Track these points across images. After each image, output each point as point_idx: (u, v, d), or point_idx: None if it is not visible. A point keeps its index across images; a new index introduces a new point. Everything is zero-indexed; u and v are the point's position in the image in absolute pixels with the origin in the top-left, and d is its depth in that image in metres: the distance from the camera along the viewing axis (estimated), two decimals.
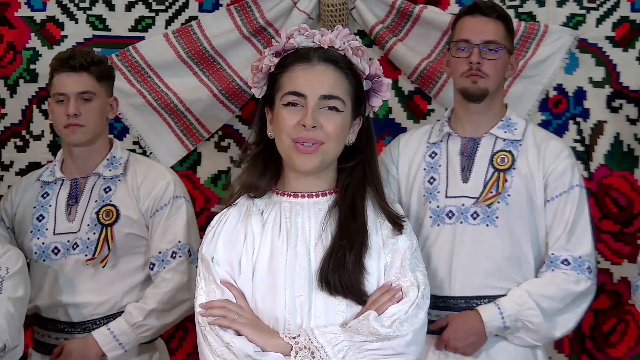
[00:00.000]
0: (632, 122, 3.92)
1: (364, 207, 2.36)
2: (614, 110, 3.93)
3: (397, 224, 2.38)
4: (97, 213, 3.36)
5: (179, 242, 3.37)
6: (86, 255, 3.33)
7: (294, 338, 2.24)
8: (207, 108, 3.99)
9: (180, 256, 3.36)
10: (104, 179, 3.41)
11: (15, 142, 4.08)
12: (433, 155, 3.28)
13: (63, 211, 3.40)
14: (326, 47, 2.34)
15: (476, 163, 3.24)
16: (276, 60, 2.35)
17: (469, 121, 3.27)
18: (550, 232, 3.20)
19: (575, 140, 3.95)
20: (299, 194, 2.36)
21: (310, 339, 2.23)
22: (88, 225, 3.35)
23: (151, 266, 3.37)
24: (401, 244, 2.35)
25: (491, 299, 3.13)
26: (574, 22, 3.95)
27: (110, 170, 3.41)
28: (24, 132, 4.07)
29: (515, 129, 3.28)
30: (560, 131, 3.95)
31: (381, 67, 2.39)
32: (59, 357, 3.30)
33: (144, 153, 4.05)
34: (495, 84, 3.23)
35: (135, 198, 3.38)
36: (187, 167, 4.07)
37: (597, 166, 3.93)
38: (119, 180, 3.41)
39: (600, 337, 3.92)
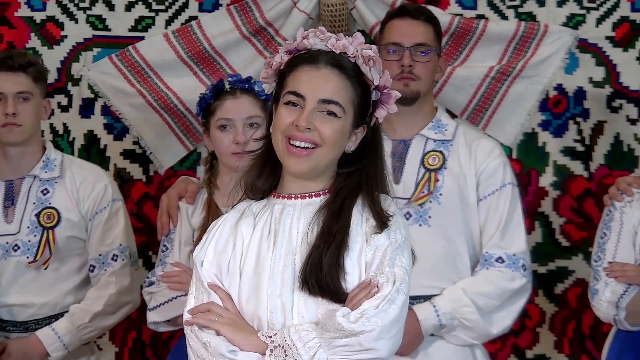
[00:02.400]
0: (632, 122, 3.92)
1: (351, 207, 2.36)
2: (614, 110, 3.93)
3: (381, 221, 2.37)
4: (37, 215, 3.38)
5: (120, 245, 3.44)
6: (27, 257, 3.37)
7: (270, 337, 2.25)
8: None
9: (123, 259, 3.44)
10: (40, 180, 3.44)
11: None
12: None
13: (0, 213, 3.40)
14: (338, 52, 2.33)
15: (407, 164, 3.25)
16: (287, 58, 2.35)
17: (400, 123, 3.28)
18: (483, 231, 3.23)
19: (575, 140, 3.95)
20: (292, 195, 2.36)
21: (284, 337, 2.24)
22: (28, 227, 3.38)
23: (91, 268, 3.44)
24: (382, 241, 2.35)
25: (427, 298, 3.14)
26: (574, 22, 3.95)
27: (46, 172, 3.45)
28: None
29: (446, 129, 3.30)
30: (560, 131, 3.96)
31: (391, 80, 2.39)
32: (1, 356, 3.32)
33: (144, 153, 4.05)
34: (426, 86, 3.26)
35: (75, 200, 3.43)
36: (187, 167, 4.07)
37: (597, 166, 3.93)
38: (56, 182, 3.45)
39: (600, 337, 3.91)
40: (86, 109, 4.08)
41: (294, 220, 2.34)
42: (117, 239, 3.45)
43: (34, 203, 3.41)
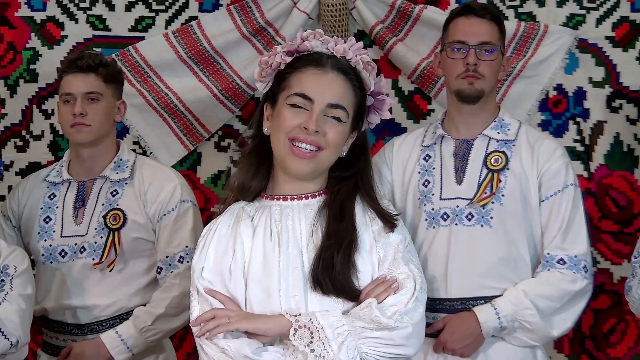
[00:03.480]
0: (632, 122, 3.92)
1: (353, 208, 2.36)
2: (614, 110, 3.93)
3: (389, 222, 2.38)
4: (105, 217, 3.36)
5: (186, 247, 3.37)
6: (93, 259, 3.33)
7: (295, 316, 2.24)
8: (207, 108, 3.99)
9: (187, 261, 3.35)
10: (111, 182, 3.41)
11: (15, 142, 4.08)
12: (427, 158, 3.28)
13: (70, 214, 3.40)
14: (338, 56, 2.33)
15: (470, 164, 3.24)
16: (288, 59, 2.34)
17: (463, 123, 3.27)
18: (545, 232, 3.20)
19: (575, 140, 3.95)
20: (288, 197, 2.36)
21: (311, 319, 2.23)
22: (95, 229, 3.35)
23: (158, 270, 3.38)
24: (393, 238, 2.36)
25: (488, 299, 3.13)
26: (574, 22, 3.95)
27: (117, 173, 3.41)
28: (24, 132, 4.07)
29: (509, 129, 3.28)
30: (560, 131, 3.96)
31: (387, 86, 2.39)
32: (67, 359, 3.31)
33: (144, 153, 4.05)
34: (490, 85, 3.23)
35: (142, 202, 3.38)
36: (187, 167, 4.08)
37: (597, 166, 3.93)
38: (126, 183, 3.41)
39: (600, 337, 3.92)
40: None
41: (295, 221, 2.34)
42: (184, 240, 3.38)
43: (103, 204, 3.38)
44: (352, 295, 2.30)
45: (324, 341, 2.22)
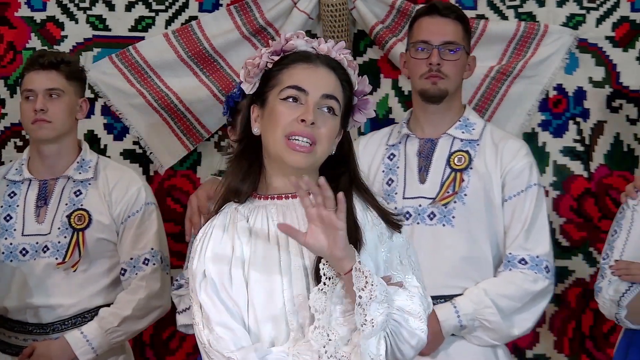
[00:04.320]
0: (632, 122, 3.92)
1: (352, 206, 2.36)
2: (614, 110, 3.93)
3: (392, 222, 2.37)
4: (69, 217, 3.37)
5: (152, 249, 3.42)
6: (57, 258, 3.35)
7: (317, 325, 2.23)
8: (207, 108, 3.99)
9: (153, 264, 3.42)
10: (74, 182, 3.43)
11: (15, 142, 4.08)
12: (391, 157, 3.29)
13: (32, 212, 3.41)
14: (324, 55, 2.34)
15: (433, 164, 3.25)
16: (275, 58, 2.34)
17: (428, 122, 3.28)
18: (508, 232, 3.22)
19: (575, 140, 3.95)
20: (283, 196, 2.35)
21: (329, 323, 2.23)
22: (59, 228, 3.37)
23: (122, 272, 3.42)
24: (396, 241, 2.36)
25: (449, 298, 3.14)
26: (574, 22, 3.95)
27: (80, 173, 3.44)
28: (24, 132, 4.06)
29: (473, 129, 3.29)
30: (560, 131, 3.96)
31: (370, 86, 2.40)
32: (30, 359, 3.31)
33: (144, 153, 4.05)
34: (454, 84, 3.25)
35: (107, 203, 3.41)
36: (187, 167, 4.07)
37: (597, 166, 3.93)
38: (89, 184, 3.43)
39: (600, 337, 3.92)
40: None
41: (293, 219, 2.33)
42: (149, 243, 3.42)
43: (66, 204, 3.40)
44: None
45: (371, 297, 2.20)
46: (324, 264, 2.23)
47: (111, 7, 4.08)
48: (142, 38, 4.06)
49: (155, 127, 4.03)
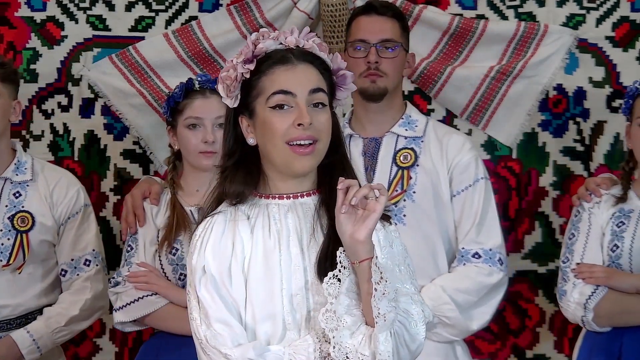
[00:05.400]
0: None
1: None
2: (614, 110, 3.93)
3: (385, 216, 2.38)
4: (11, 219, 3.38)
5: (93, 250, 3.48)
6: (1, 260, 3.37)
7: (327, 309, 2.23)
8: None
9: (96, 264, 3.47)
10: (12, 183, 3.44)
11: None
12: None
13: None
14: (293, 47, 2.33)
15: (379, 163, 3.26)
16: (250, 66, 2.32)
17: (370, 121, 3.29)
18: (459, 226, 3.23)
19: (575, 140, 3.95)
20: (284, 196, 2.35)
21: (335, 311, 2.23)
22: (1, 230, 3.39)
23: (62, 272, 3.46)
24: (395, 248, 2.36)
25: None
26: (574, 22, 3.95)
27: (17, 175, 3.45)
28: (24, 132, 4.06)
29: (416, 125, 3.30)
30: (560, 131, 3.96)
31: (345, 62, 2.39)
32: None
33: (144, 153, 4.05)
34: (393, 82, 3.26)
35: (48, 205, 3.45)
36: None
37: (597, 166, 3.93)
38: (28, 185, 3.45)
39: None
40: (86, 109, 4.08)
41: (295, 219, 2.33)
42: (90, 244, 3.48)
43: (7, 206, 3.42)
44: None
45: (384, 292, 2.20)
46: (341, 252, 2.24)
47: (111, 7, 4.08)
48: (142, 38, 4.06)
49: (155, 127, 4.03)
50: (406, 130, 3.28)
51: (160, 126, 4.03)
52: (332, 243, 2.30)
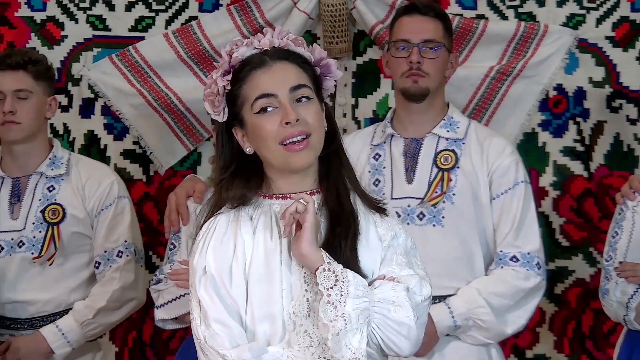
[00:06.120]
0: (632, 122, 3.92)
1: (348, 194, 2.36)
2: (614, 110, 3.93)
3: (379, 209, 2.38)
4: (43, 212, 3.39)
5: (125, 241, 3.45)
6: (32, 253, 3.37)
7: (330, 262, 2.22)
8: None
9: (127, 255, 3.45)
10: (47, 177, 3.45)
11: None
12: (377, 157, 3.29)
13: (6, 209, 3.44)
14: (269, 49, 2.33)
15: (420, 163, 3.25)
16: (228, 77, 2.33)
17: (411, 121, 3.28)
18: (497, 230, 3.22)
19: (575, 140, 3.95)
20: (288, 196, 2.35)
21: (342, 271, 2.21)
22: (33, 223, 3.39)
23: (96, 264, 3.45)
24: (398, 239, 2.36)
25: (442, 299, 3.14)
26: (574, 22, 3.95)
27: (52, 169, 3.46)
28: None
29: (458, 127, 3.29)
30: (560, 131, 3.96)
31: (325, 51, 2.39)
32: (5, 354, 3.32)
33: (144, 153, 4.05)
34: (435, 82, 3.24)
35: (80, 197, 3.44)
36: (187, 167, 4.07)
37: (597, 166, 3.93)
38: (62, 179, 3.46)
39: (600, 337, 3.92)
40: (86, 109, 4.08)
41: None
42: (123, 235, 3.45)
43: (40, 199, 3.42)
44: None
45: (342, 293, 2.21)
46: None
47: (111, 7, 4.08)
48: (142, 38, 4.06)
49: (155, 127, 4.03)
50: (447, 131, 3.27)
51: (160, 126, 4.03)
52: (333, 238, 2.30)
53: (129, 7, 4.09)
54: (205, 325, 2.28)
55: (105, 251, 3.44)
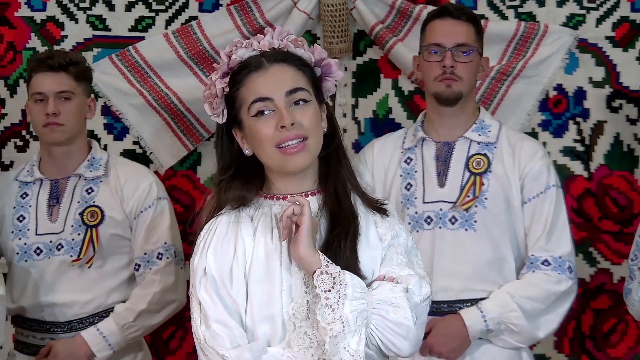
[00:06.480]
0: (632, 122, 3.92)
1: (348, 195, 2.36)
2: (614, 110, 3.93)
3: (380, 209, 2.38)
4: (81, 214, 3.37)
5: (165, 243, 3.42)
6: (71, 255, 3.35)
7: (327, 265, 2.22)
8: None
9: (167, 257, 3.41)
10: (85, 179, 3.43)
11: (15, 142, 4.08)
12: (408, 160, 3.28)
13: (44, 212, 3.41)
14: (268, 50, 2.33)
15: (452, 167, 3.24)
16: (226, 79, 2.34)
17: (443, 125, 3.28)
18: (529, 234, 3.21)
19: (575, 140, 3.95)
20: (288, 196, 2.35)
21: (339, 272, 2.21)
22: (72, 226, 3.37)
23: (136, 267, 3.41)
24: (400, 240, 2.36)
25: (473, 302, 3.13)
26: (574, 22, 3.95)
27: (91, 171, 3.44)
28: (24, 132, 4.07)
29: (489, 131, 3.28)
30: (560, 131, 3.96)
31: (325, 51, 2.39)
32: (47, 357, 3.31)
33: (144, 153, 4.05)
34: (468, 86, 3.24)
35: (119, 199, 3.41)
36: (187, 167, 4.08)
37: (597, 166, 3.93)
38: (101, 181, 3.44)
39: (600, 337, 3.92)
40: None
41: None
42: (162, 237, 3.42)
43: (79, 202, 3.40)
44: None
45: (340, 296, 2.21)
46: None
47: (111, 7, 4.08)
48: (142, 38, 4.06)
49: (155, 127, 4.03)
50: (479, 135, 3.27)
51: (160, 126, 4.03)
52: (332, 238, 2.30)
53: (129, 7, 4.09)
54: (205, 325, 2.28)
55: (145, 253, 3.41)
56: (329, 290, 2.21)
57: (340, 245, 2.29)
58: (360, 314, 2.21)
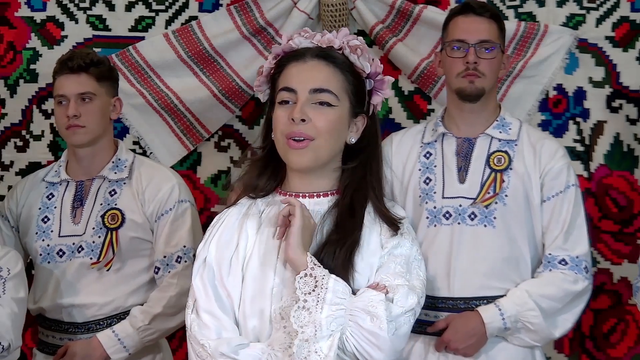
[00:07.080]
0: (632, 122, 3.92)
1: (363, 208, 2.36)
2: (614, 110, 3.93)
3: (393, 224, 2.38)
4: (103, 217, 3.36)
5: (184, 246, 3.38)
6: (91, 258, 3.33)
7: (313, 267, 2.23)
8: (207, 108, 3.99)
9: (185, 261, 3.37)
10: (109, 182, 3.40)
11: (15, 142, 4.08)
12: (428, 155, 3.28)
13: (68, 213, 3.40)
14: (324, 47, 2.34)
15: (472, 164, 3.23)
16: (274, 62, 2.36)
17: (464, 121, 3.27)
18: (547, 232, 3.21)
19: (575, 140, 3.95)
20: (300, 194, 2.35)
21: (323, 276, 2.22)
22: (93, 228, 3.35)
23: (156, 270, 3.38)
24: (400, 250, 2.36)
25: (489, 299, 3.13)
26: (574, 22, 3.95)
27: (115, 173, 3.41)
28: (24, 132, 4.07)
29: (510, 129, 3.28)
30: (560, 131, 3.96)
31: (382, 66, 2.39)
32: (63, 358, 3.31)
33: (144, 153, 4.05)
34: (490, 83, 3.24)
35: (140, 202, 3.38)
36: (187, 167, 4.08)
37: (597, 166, 3.94)
38: (124, 183, 3.41)
39: (600, 337, 3.92)
40: None
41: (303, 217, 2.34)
42: (182, 240, 3.39)
43: (101, 204, 3.38)
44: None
45: (318, 300, 2.21)
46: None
47: (111, 7, 4.08)
48: (142, 38, 4.06)
49: (155, 127, 4.03)
50: (500, 132, 3.26)
51: (160, 126, 4.03)
52: (329, 243, 2.31)
53: (129, 7, 4.09)
54: (195, 314, 2.30)
55: (165, 256, 3.38)
56: (309, 293, 2.21)
57: (335, 252, 2.29)
58: (335, 320, 2.21)
